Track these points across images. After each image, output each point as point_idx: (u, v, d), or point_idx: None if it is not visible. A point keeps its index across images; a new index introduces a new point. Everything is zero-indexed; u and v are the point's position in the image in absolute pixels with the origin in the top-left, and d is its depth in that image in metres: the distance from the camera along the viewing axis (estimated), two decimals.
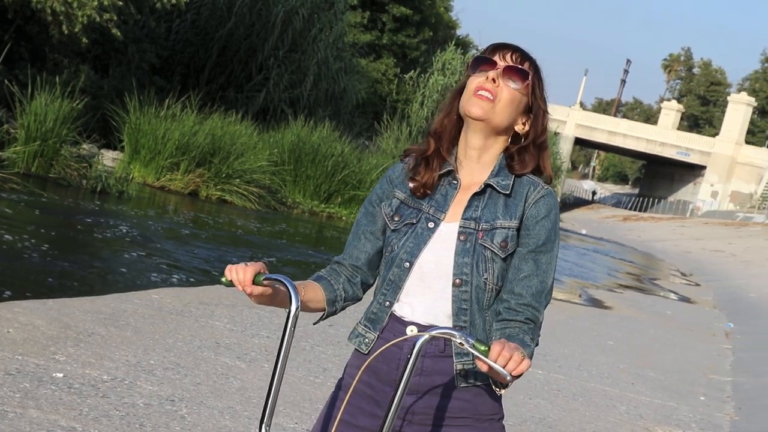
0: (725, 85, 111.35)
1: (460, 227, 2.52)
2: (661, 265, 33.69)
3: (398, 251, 2.55)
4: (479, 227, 2.51)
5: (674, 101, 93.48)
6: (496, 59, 2.57)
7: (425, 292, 2.52)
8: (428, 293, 2.52)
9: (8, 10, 20.09)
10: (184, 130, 19.75)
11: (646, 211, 76.96)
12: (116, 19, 20.55)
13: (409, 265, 2.53)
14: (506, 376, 2.12)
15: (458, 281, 2.49)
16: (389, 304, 2.56)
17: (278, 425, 5.57)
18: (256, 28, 28.69)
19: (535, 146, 2.61)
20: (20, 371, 5.53)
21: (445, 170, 2.61)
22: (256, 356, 7.19)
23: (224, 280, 2.37)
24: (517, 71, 2.56)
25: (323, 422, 2.60)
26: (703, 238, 46.45)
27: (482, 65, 2.58)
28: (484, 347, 2.13)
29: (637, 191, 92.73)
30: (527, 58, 2.60)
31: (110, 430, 4.93)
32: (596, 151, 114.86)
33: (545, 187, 2.58)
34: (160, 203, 18.07)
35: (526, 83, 2.57)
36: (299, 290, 2.38)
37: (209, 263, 11.89)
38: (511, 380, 2.16)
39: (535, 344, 2.46)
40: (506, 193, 2.55)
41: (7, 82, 18.16)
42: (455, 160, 2.63)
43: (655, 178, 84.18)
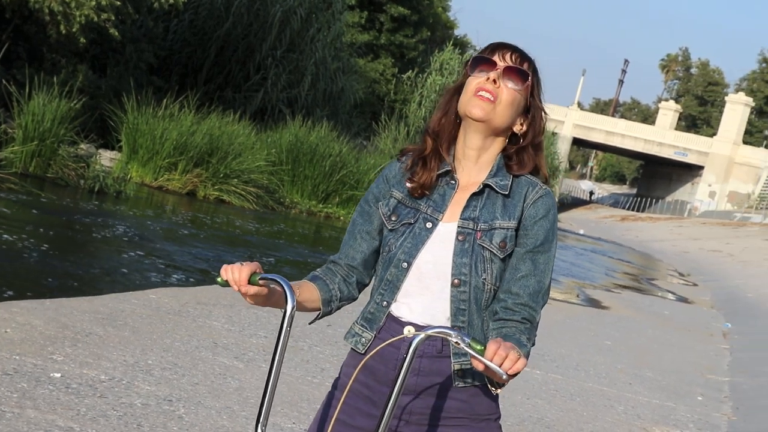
0: (723, 85, 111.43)
1: (458, 227, 2.52)
2: (658, 265, 33.71)
3: (396, 251, 2.55)
4: (478, 227, 2.51)
5: (672, 101, 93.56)
6: (495, 59, 2.56)
7: (423, 292, 2.52)
8: (426, 293, 2.51)
9: (6, 9, 20.08)
10: (181, 130, 19.75)
11: (643, 211, 77.02)
12: (114, 18, 20.54)
13: (407, 265, 2.52)
14: (502, 375, 2.12)
15: (457, 281, 2.48)
16: (386, 304, 2.55)
17: (276, 425, 5.57)
18: (253, 28, 28.69)
19: (533, 147, 2.61)
20: (18, 371, 5.52)
21: (443, 170, 2.60)
22: (253, 356, 7.19)
23: (220, 280, 2.37)
24: (517, 72, 2.55)
25: (320, 422, 2.60)
26: (700, 238, 46.48)
27: (481, 65, 2.57)
28: (480, 346, 2.13)
29: (634, 191, 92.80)
30: (526, 58, 2.60)
31: (108, 430, 4.93)
32: (594, 151, 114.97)
33: (543, 187, 2.58)
34: (157, 203, 18.06)
35: (526, 84, 2.56)
36: (295, 290, 2.38)
37: (207, 263, 11.89)
38: (507, 379, 2.16)
39: (531, 344, 2.46)
40: (505, 193, 2.54)
41: (4, 81, 18.13)
42: (453, 159, 2.62)
43: (652, 178, 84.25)
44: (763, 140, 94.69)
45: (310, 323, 2.76)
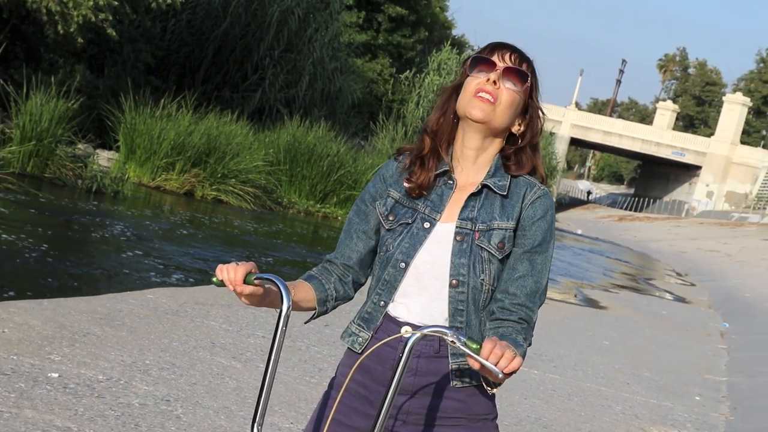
0: (720, 85, 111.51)
1: (456, 227, 2.51)
2: (656, 265, 33.72)
3: (393, 251, 2.54)
4: (476, 228, 2.50)
5: (669, 101, 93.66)
6: (495, 60, 2.55)
7: (421, 292, 2.51)
8: (424, 294, 2.51)
9: (3, 9, 20.07)
10: (179, 130, 19.75)
11: (641, 211, 77.06)
12: (111, 18, 20.54)
13: (404, 265, 2.52)
14: (498, 373, 2.12)
15: (455, 282, 2.48)
16: (384, 304, 2.55)
17: (274, 425, 5.57)
18: (251, 28, 28.69)
19: (531, 147, 2.60)
20: (15, 371, 5.52)
21: (440, 170, 2.59)
22: (251, 356, 7.19)
23: (215, 279, 2.36)
24: (516, 73, 2.54)
25: (316, 422, 2.59)
26: (698, 238, 46.50)
27: (480, 65, 2.56)
28: (475, 345, 2.13)
29: (632, 191, 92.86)
30: (525, 58, 2.59)
31: (105, 430, 4.93)
32: (592, 151, 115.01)
33: (541, 188, 2.57)
34: (155, 203, 18.06)
35: (525, 86, 2.56)
36: (290, 290, 2.37)
37: (205, 263, 11.89)
38: (503, 378, 2.16)
39: (528, 344, 2.45)
40: (503, 194, 2.54)
41: (2, 81, 18.13)
42: (451, 159, 2.61)
43: (650, 178, 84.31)
44: (760, 140, 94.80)
45: (305, 322, 2.76)
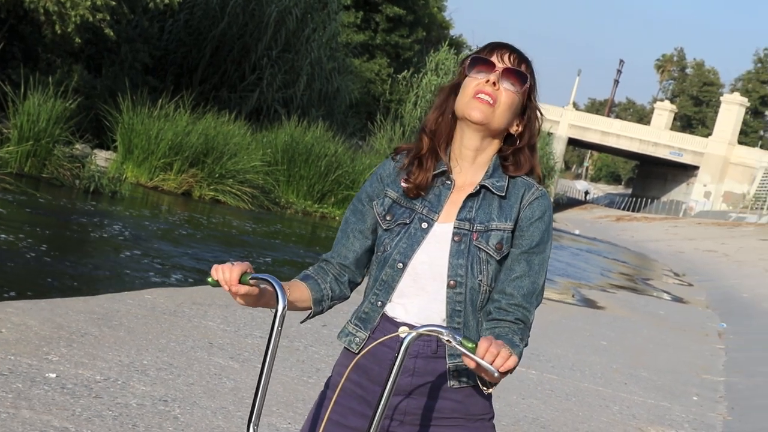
0: (718, 85, 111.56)
1: (454, 228, 2.51)
2: (654, 265, 33.74)
3: (391, 251, 2.53)
4: (474, 228, 2.50)
5: (667, 101, 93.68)
6: (494, 60, 2.54)
7: (419, 293, 2.51)
8: (422, 294, 2.50)
9: (1, 9, 20.05)
10: (177, 130, 19.74)
11: (639, 211, 77.08)
12: (109, 18, 20.54)
13: (402, 266, 2.51)
14: (494, 372, 2.12)
15: (452, 283, 2.48)
16: (381, 304, 2.54)
17: (272, 425, 5.57)
18: (249, 28, 28.69)
19: (529, 148, 2.60)
20: (13, 371, 5.52)
21: (438, 170, 2.58)
22: (249, 356, 7.19)
23: (210, 280, 2.35)
24: (516, 74, 2.53)
25: (312, 422, 2.59)
26: (696, 238, 46.53)
27: (479, 65, 2.55)
28: (471, 344, 2.13)
29: (630, 191, 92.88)
30: (524, 59, 2.58)
31: (103, 430, 4.92)
32: (589, 151, 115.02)
33: (540, 188, 2.57)
34: (153, 203, 18.05)
35: (524, 87, 2.55)
36: (286, 290, 2.37)
37: (203, 263, 11.88)
38: (498, 377, 2.16)
39: (524, 344, 2.45)
40: (501, 194, 2.53)
41: None
42: (449, 159, 2.60)
43: (648, 178, 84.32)
44: (758, 140, 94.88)
45: (301, 322, 2.76)
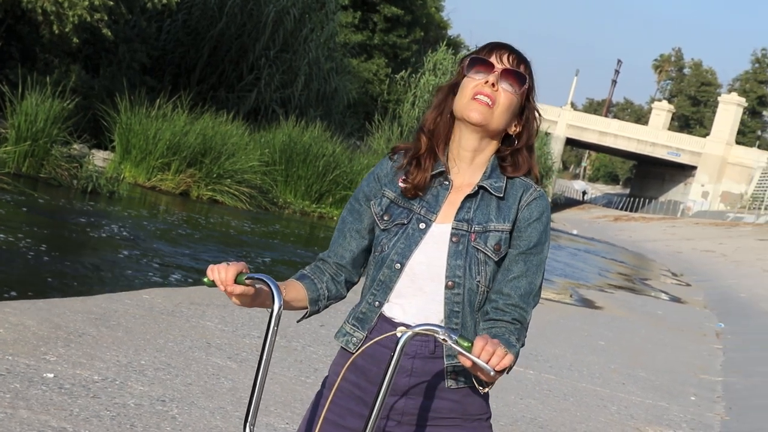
0: (716, 85, 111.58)
1: (452, 229, 2.50)
2: (651, 265, 33.75)
3: (389, 252, 2.53)
4: (472, 229, 2.50)
5: (665, 101, 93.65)
6: (493, 61, 2.53)
7: (417, 293, 2.50)
8: (420, 295, 2.50)
9: None
10: (175, 130, 19.73)
11: (636, 211, 77.10)
12: (107, 18, 20.54)
13: (400, 266, 2.51)
14: (489, 371, 2.12)
15: (450, 284, 2.47)
16: (379, 304, 2.54)
17: (269, 425, 5.57)
18: (247, 28, 28.69)
19: (527, 148, 2.60)
20: (11, 371, 5.51)
21: (436, 171, 2.58)
22: (247, 356, 7.19)
23: (206, 280, 2.35)
24: (515, 75, 2.53)
25: (308, 422, 2.58)
26: (693, 238, 46.56)
27: (478, 66, 2.54)
28: (467, 343, 2.13)
29: (628, 191, 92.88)
30: (523, 60, 2.57)
31: (101, 430, 4.92)
32: (587, 151, 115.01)
33: (537, 189, 2.57)
34: (150, 203, 18.04)
35: (523, 88, 2.55)
36: (282, 290, 2.37)
37: (200, 263, 11.87)
38: (494, 376, 2.16)
39: (521, 345, 2.45)
40: (499, 195, 2.53)
41: None
42: (447, 160, 2.60)
43: (645, 178, 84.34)
44: (756, 140, 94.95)
45: (298, 321, 2.76)
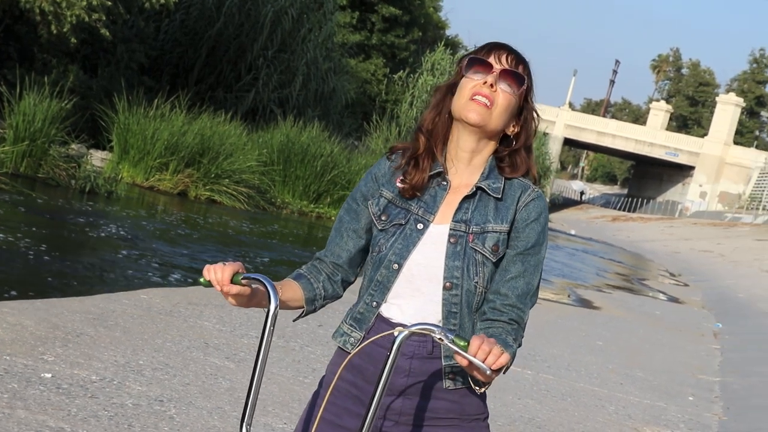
0: (714, 85, 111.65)
1: (450, 230, 2.50)
2: (649, 265, 33.76)
3: (386, 252, 2.52)
4: (470, 230, 2.49)
5: (663, 102, 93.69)
6: (491, 61, 2.53)
7: (414, 294, 2.50)
8: (418, 295, 2.50)
9: None
10: (173, 130, 19.74)
11: (634, 211, 77.15)
12: (105, 18, 20.52)
13: (397, 266, 2.50)
14: (486, 370, 2.12)
15: (449, 284, 2.47)
16: (376, 304, 2.54)
17: (267, 425, 5.57)
18: (245, 28, 28.67)
19: (525, 149, 2.59)
20: (8, 371, 5.51)
21: (434, 171, 2.57)
22: (245, 356, 7.18)
23: (203, 280, 2.34)
24: (513, 76, 2.52)
25: (305, 422, 2.58)
26: (691, 238, 46.58)
27: (477, 66, 2.53)
28: (463, 342, 2.13)
29: (625, 191, 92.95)
30: (521, 60, 2.56)
31: (99, 430, 4.92)
32: (585, 151, 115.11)
33: (535, 189, 2.56)
34: (149, 203, 18.04)
35: (521, 89, 2.54)
36: (278, 290, 2.37)
37: (198, 263, 11.87)
38: (491, 375, 2.16)
39: (517, 345, 2.45)
40: (497, 196, 2.52)
41: None
42: (445, 160, 2.60)
43: (643, 178, 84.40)
44: (753, 140, 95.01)
45: (294, 320, 2.76)
